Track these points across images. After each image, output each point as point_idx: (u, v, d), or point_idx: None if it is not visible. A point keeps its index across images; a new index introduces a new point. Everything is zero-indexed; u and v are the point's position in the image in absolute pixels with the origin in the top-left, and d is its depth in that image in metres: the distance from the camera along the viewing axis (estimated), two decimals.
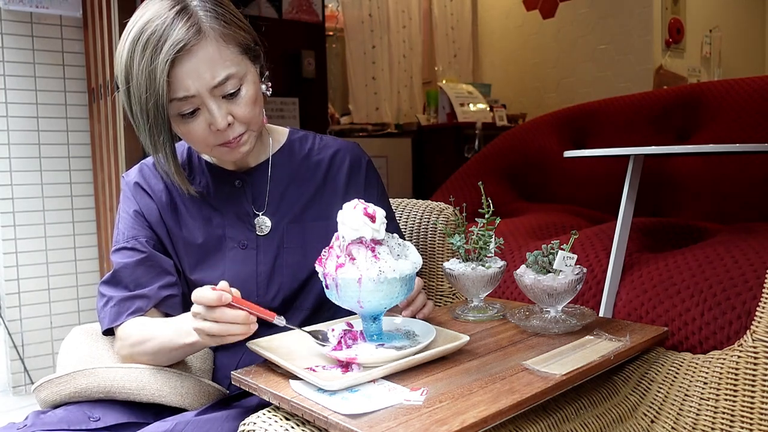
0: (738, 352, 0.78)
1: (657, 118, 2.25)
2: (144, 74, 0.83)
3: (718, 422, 0.78)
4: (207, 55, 0.85)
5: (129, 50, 0.85)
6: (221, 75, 0.86)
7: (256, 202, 1.01)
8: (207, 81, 0.85)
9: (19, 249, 2.49)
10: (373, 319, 0.79)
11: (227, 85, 0.86)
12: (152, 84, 0.83)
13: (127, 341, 0.90)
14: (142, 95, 0.84)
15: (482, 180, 1.10)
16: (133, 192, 1.01)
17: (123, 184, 1.04)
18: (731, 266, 1.27)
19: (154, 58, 0.82)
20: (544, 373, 0.72)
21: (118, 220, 1.01)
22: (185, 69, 0.84)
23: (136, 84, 0.84)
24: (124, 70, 0.86)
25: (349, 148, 1.08)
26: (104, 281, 0.96)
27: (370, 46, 4.34)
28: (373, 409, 0.63)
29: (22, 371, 2.50)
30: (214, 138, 0.89)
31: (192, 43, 0.83)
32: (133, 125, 0.91)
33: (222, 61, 0.86)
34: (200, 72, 0.84)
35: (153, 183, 1.01)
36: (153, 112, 0.84)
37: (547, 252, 0.90)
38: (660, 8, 3.85)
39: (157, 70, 0.82)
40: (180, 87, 0.84)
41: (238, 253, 0.98)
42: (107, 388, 0.87)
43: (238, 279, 0.96)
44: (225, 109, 0.87)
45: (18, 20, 2.45)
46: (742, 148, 1.44)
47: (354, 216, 0.75)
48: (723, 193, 1.94)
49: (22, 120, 2.48)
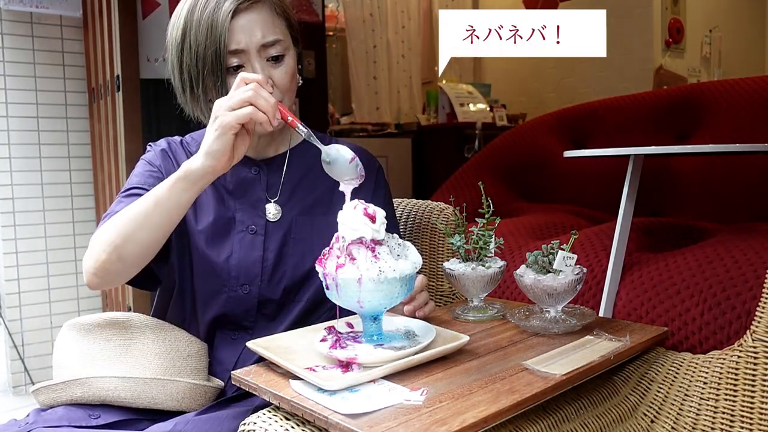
0: (738, 352, 0.78)
1: (657, 118, 2.25)
2: (206, 24, 0.91)
3: (718, 422, 0.78)
4: (262, 17, 0.94)
5: (190, 6, 0.93)
6: (271, 37, 0.94)
7: (270, 189, 1.04)
8: (258, 39, 0.93)
9: (19, 249, 2.49)
10: (373, 319, 0.79)
11: (273, 48, 0.95)
12: (213, 32, 0.90)
13: (96, 237, 0.88)
14: (200, 45, 0.91)
15: (482, 180, 1.10)
16: (160, 155, 1.05)
17: (150, 148, 1.08)
18: (731, 266, 1.27)
19: (216, 10, 0.91)
20: (544, 373, 0.72)
21: (132, 174, 1.03)
22: (240, 23, 0.92)
23: (195, 36, 0.92)
24: (182, 24, 0.93)
25: (360, 152, 1.10)
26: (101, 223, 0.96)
27: (372, 46, 4.34)
28: (373, 409, 0.63)
29: (22, 371, 2.50)
30: None
31: (251, 2, 0.93)
32: (177, 88, 0.97)
33: (273, 27, 0.95)
34: (253, 29, 0.93)
35: (179, 155, 1.06)
36: (212, 59, 0.91)
37: (547, 252, 0.90)
38: (660, 8, 3.86)
39: (219, 19, 0.91)
40: (232, 40, 0.92)
41: (246, 236, 1.00)
42: (102, 398, 0.87)
43: (245, 262, 0.99)
44: (267, 72, 0.94)
45: (18, 20, 2.45)
46: (742, 148, 1.43)
47: (354, 216, 0.75)
48: (723, 193, 1.94)
49: (22, 120, 2.48)
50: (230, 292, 0.98)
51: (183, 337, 0.95)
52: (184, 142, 1.09)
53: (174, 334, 0.95)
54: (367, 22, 4.31)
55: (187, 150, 1.07)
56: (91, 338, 0.93)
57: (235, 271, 0.98)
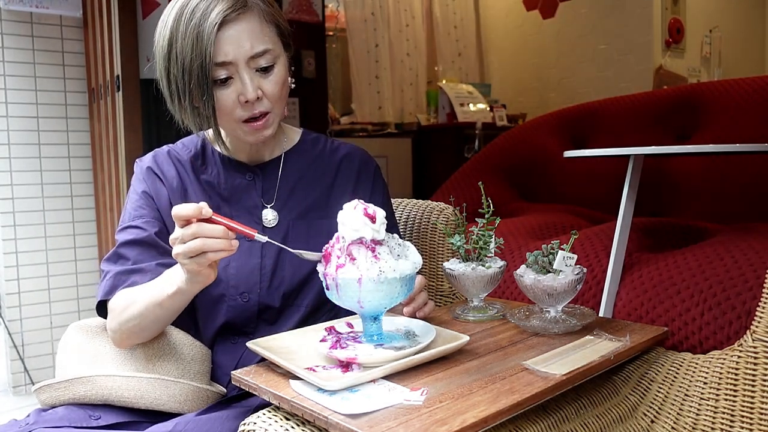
0: (738, 352, 0.78)
1: (657, 118, 2.25)
2: (191, 36, 0.88)
3: (718, 422, 0.78)
4: (249, 27, 0.91)
5: (176, 15, 0.90)
6: (260, 47, 0.91)
7: (265, 195, 1.03)
8: (246, 50, 0.90)
9: (19, 249, 2.49)
10: (373, 319, 0.79)
11: (263, 58, 0.92)
12: (198, 45, 0.87)
13: (115, 312, 0.90)
14: (186, 57, 0.88)
15: (482, 180, 1.10)
16: (145, 175, 1.03)
17: (136, 167, 1.06)
18: (731, 266, 1.27)
19: (203, 21, 0.88)
20: (544, 373, 0.72)
21: (127, 201, 1.03)
22: (227, 35, 0.89)
23: (181, 48, 0.89)
24: (168, 35, 0.90)
25: (358, 153, 1.12)
26: (105, 258, 0.97)
27: (373, 45, 4.33)
28: (373, 409, 0.63)
29: (22, 371, 2.50)
30: (241, 110, 0.93)
31: (239, 12, 0.90)
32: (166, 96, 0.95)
33: (262, 36, 0.92)
34: (241, 41, 0.90)
35: (165, 169, 1.04)
36: (197, 73, 0.88)
37: (547, 252, 0.90)
38: (660, 8, 3.86)
39: (205, 32, 0.87)
40: (220, 52, 0.89)
41: (244, 244, 0.98)
42: (105, 397, 0.87)
43: (243, 270, 0.98)
44: (256, 82, 0.92)
45: (18, 20, 2.45)
46: (742, 148, 1.43)
47: (354, 216, 0.75)
48: (723, 193, 1.94)
49: (22, 120, 2.48)
50: (230, 302, 0.98)
51: (187, 341, 0.95)
52: (172, 152, 1.06)
53: (179, 337, 0.95)
54: (368, 21, 4.31)
55: (175, 159, 1.04)
56: (96, 341, 0.94)
57: (234, 279, 0.98)
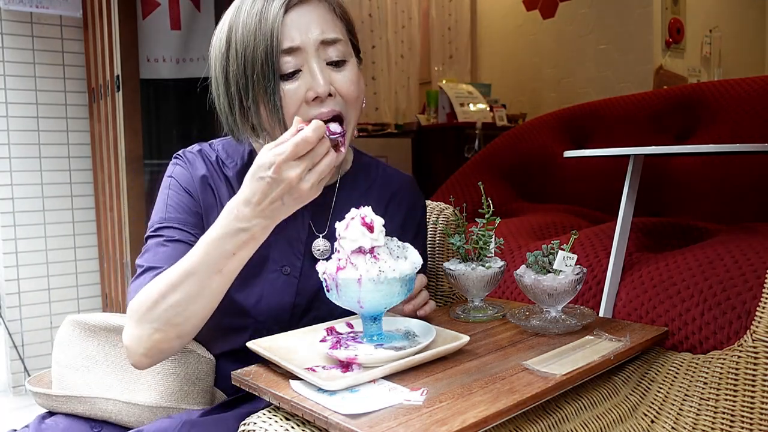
0: (738, 352, 0.78)
1: (657, 118, 2.25)
2: (254, 22, 0.80)
3: (718, 422, 0.78)
4: (319, 13, 0.83)
5: (235, 9, 0.83)
6: (331, 34, 0.82)
7: (317, 223, 0.94)
8: (316, 35, 0.81)
9: (19, 249, 2.49)
10: (373, 319, 0.79)
11: (334, 48, 0.83)
12: (263, 28, 0.79)
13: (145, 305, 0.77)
14: (248, 46, 0.80)
15: (482, 180, 1.10)
16: (199, 183, 0.91)
17: (184, 164, 0.94)
18: (731, 266, 1.27)
19: (267, 5, 0.80)
20: (544, 373, 0.72)
21: (168, 195, 0.91)
22: (295, 18, 0.81)
23: (242, 37, 0.80)
24: (226, 30, 0.83)
25: (408, 187, 1.05)
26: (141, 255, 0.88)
27: (370, 46, 4.34)
28: (373, 409, 0.63)
29: (22, 371, 2.50)
30: (309, 108, 0.83)
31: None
32: (224, 106, 0.85)
33: (333, 25, 0.83)
34: (310, 26, 0.81)
35: (218, 184, 0.93)
36: (262, 61, 0.79)
37: (547, 252, 0.90)
38: (660, 8, 3.85)
39: (270, 14, 0.79)
40: (286, 36, 0.80)
41: (279, 277, 0.91)
42: (104, 418, 0.86)
43: (275, 307, 0.90)
44: (327, 75, 0.82)
45: (18, 20, 2.45)
46: (742, 148, 1.43)
47: (352, 227, 0.74)
48: (723, 193, 1.94)
49: (22, 120, 2.49)
50: (253, 334, 0.90)
51: (193, 358, 0.91)
52: (220, 161, 0.93)
53: (184, 353, 0.91)
54: (365, 23, 4.31)
55: (221, 174, 0.92)
56: (95, 340, 0.92)
57: (263, 315, 0.90)
